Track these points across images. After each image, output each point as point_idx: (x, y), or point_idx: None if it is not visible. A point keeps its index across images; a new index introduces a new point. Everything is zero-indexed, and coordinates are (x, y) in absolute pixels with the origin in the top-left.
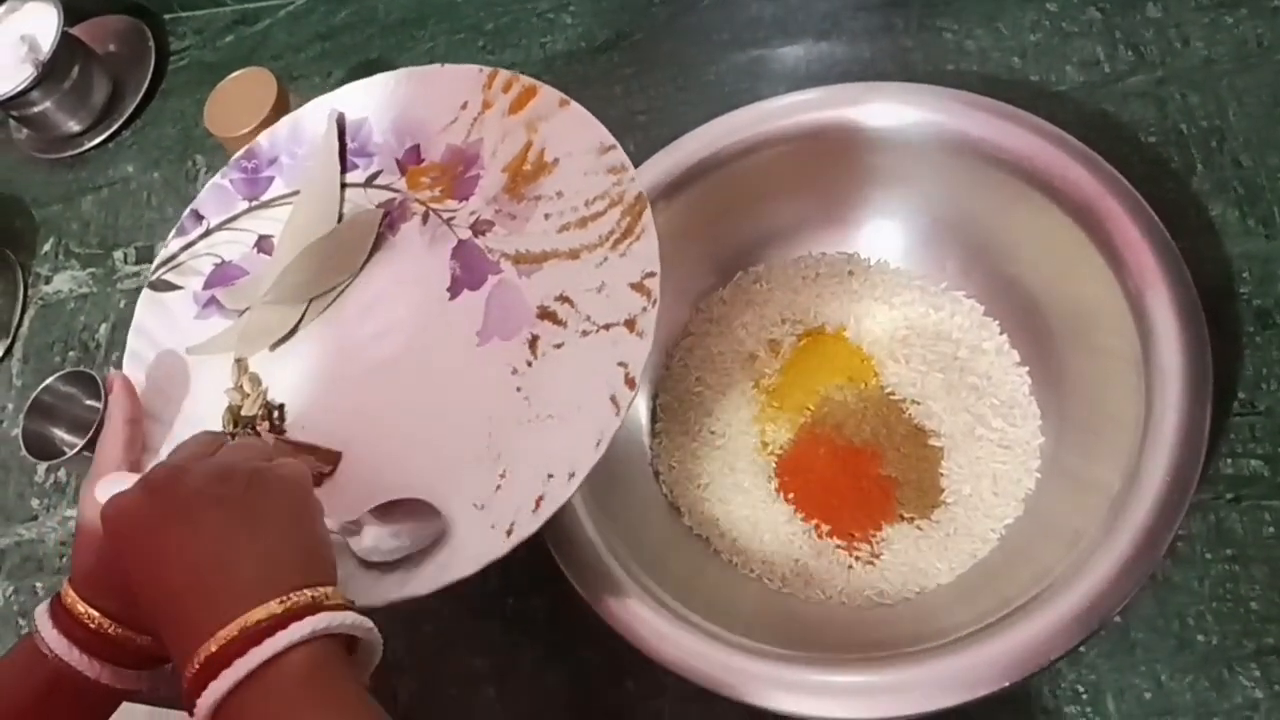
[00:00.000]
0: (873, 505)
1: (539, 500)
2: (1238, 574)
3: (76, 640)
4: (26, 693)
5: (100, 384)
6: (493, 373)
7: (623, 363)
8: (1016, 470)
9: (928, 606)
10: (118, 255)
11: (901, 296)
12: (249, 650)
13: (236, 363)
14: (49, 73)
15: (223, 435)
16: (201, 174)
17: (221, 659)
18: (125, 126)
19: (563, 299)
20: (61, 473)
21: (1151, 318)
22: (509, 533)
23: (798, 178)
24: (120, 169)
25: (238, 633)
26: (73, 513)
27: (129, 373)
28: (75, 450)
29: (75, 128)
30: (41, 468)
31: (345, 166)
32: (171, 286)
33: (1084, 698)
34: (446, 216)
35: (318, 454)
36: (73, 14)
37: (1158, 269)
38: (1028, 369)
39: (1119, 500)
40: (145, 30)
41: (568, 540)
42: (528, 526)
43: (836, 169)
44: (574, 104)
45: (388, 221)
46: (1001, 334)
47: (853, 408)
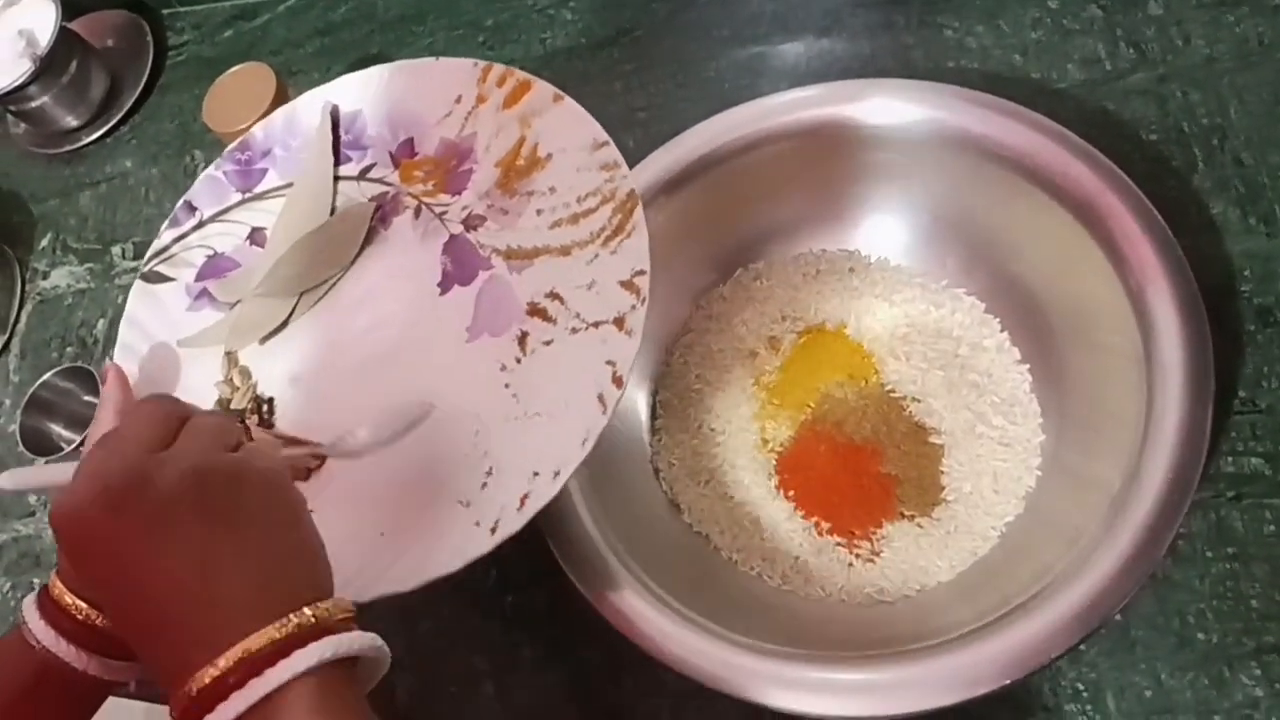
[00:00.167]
0: (873, 503)
1: (524, 498)
2: (1238, 572)
3: (64, 631)
4: (14, 685)
5: (98, 379)
6: (482, 369)
7: (611, 361)
8: (1017, 468)
9: (928, 604)
10: (115, 251)
11: (902, 294)
12: (248, 682)
13: (227, 355)
14: (47, 67)
15: (175, 404)
16: (199, 169)
17: (217, 691)
18: (123, 122)
19: (553, 296)
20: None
21: (1153, 315)
22: (493, 530)
23: (798, 174)
24: (118, 164)
25: (234, 663)
26: None
27: (121, 364)
28: (73, 446)
29: (73, 123)
30: (39, 464)
31: (339, 159)
32: (164, 278)
33: (1084, 696)
34: (439, 211)
35: (306, 448)
36: (71, 9)
37: (1159, 266)
38: (1028, 366)
39: (1120, 498)
40: (143, 25)
41: (567, 537)
42: (512, 524)
43: (837, 166)
44: (568, 99)
45: (380, 215)
46: (1002, 331)
47: (853, 405)
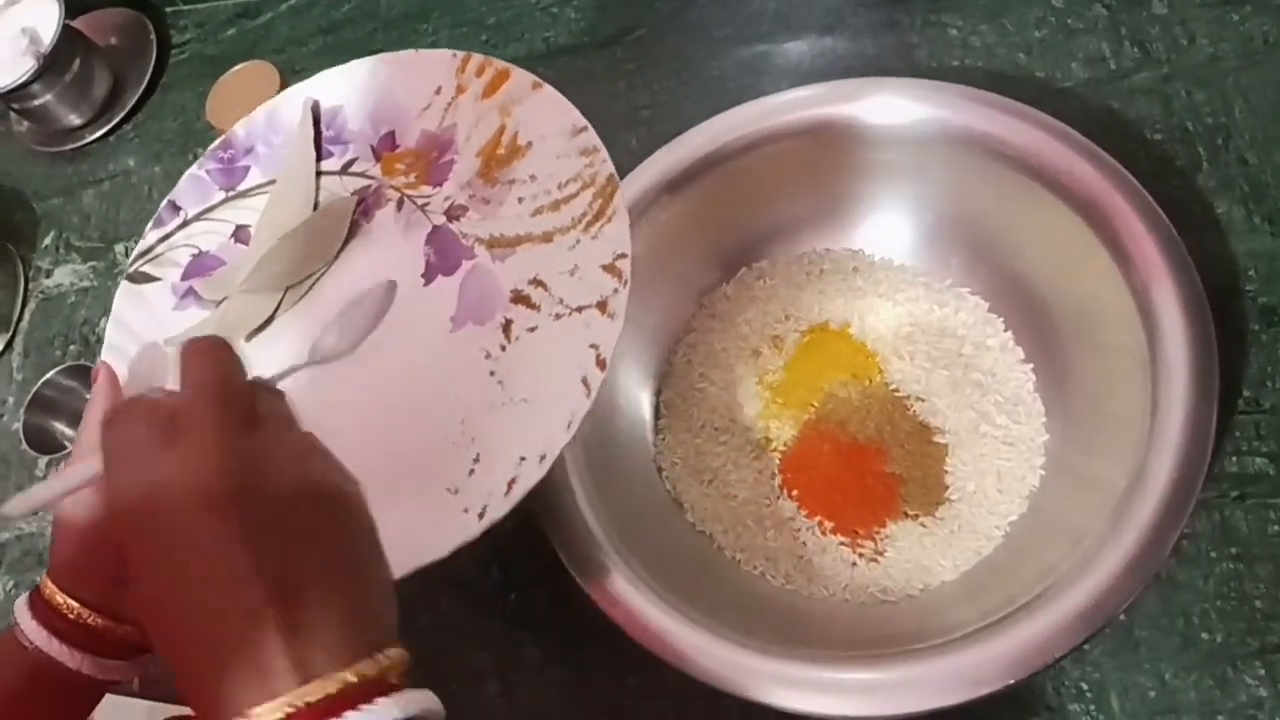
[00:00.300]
0: (877, 502)
1: (511, 483)
2: (1242, 572)
3: (56, 631)
4: (8, 686)
5: None
6: (467, 357)
7: (594, 344)
8: (1021, 467)
9: (931, 604)
10: (119, 249)
11: (906, 293)
12: None
13: None
14: (50, 65)
15: (237, 369)
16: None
17: None
18: (126, 120)
19: (536, 282)
20: (62, 467)
21: (1157, 315)
22: (481, 516)
23: (801, 173)
24: (121, 162)
25: (304, 705)
26: None
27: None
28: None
29: (76, 121)
30: (42, 462)
31: (321, 154)
32: (149, 278)
33: (1088, 696)
34: (421, 202)
35: None
36: (74, 7)
37: (1164, 266)
38: (1032, 366)
39: (1124, 498)
40: (146, 23)
41: (571, 536)
42: (500, 509)
43: (840, 165)
44: (546, 86)
45: (362, 209)
46: (1006, 331)
47: (857, 404)
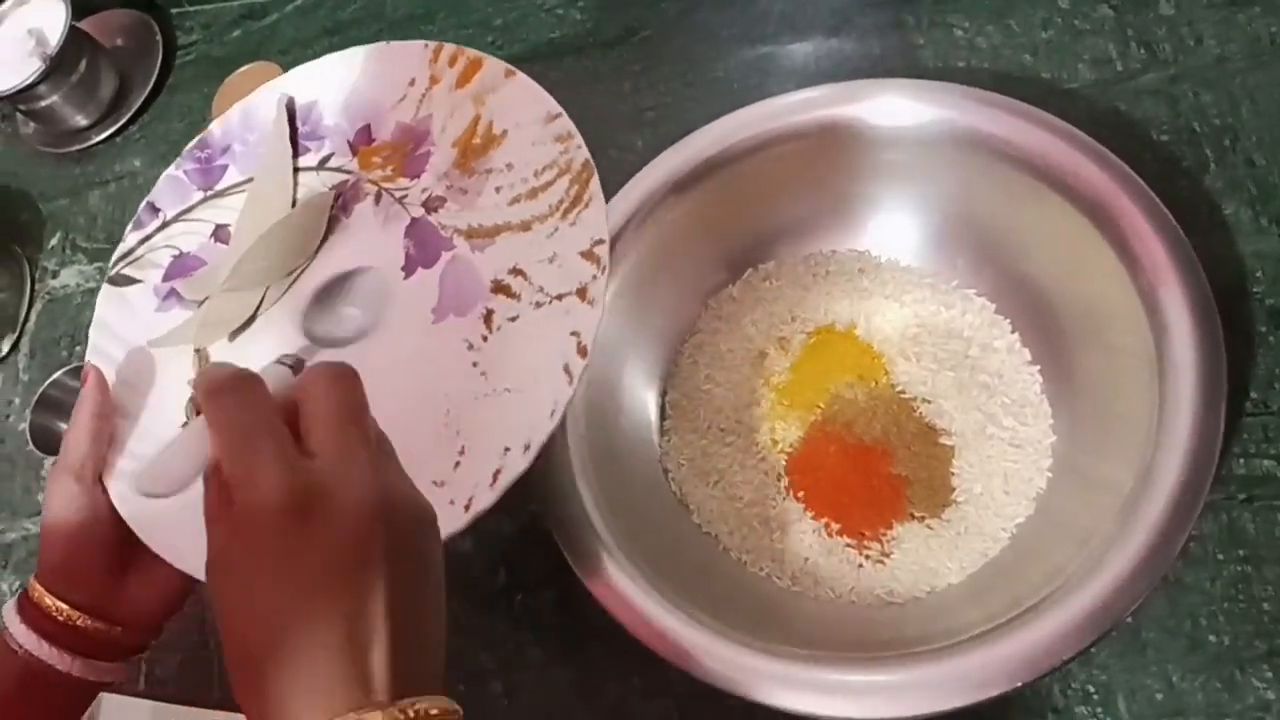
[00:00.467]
0: (883, 504)
1: (496, 474)
2: (1250, 575)
3: (46, 634)
4: None
5: None
6: (449, 350)
7: (575, 332)
8: (1028, 469)
9: (938, 606)
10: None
11: (912, 294)
12: None
13: (197, 353)
14: (56, 67)
15: (255, 382)
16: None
17: None
18: (132, 121)
19: (516, 271)
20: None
21: (1165, 316)
22: (467, 507)
23: (807, 175)
24: (127, 163)
25: None
26: None
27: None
28: None
29: (82, 122)
30: (48, 462)
31: (297, 151)
32: (131, 281)
33: (1095, 698)
34: (399, 195)
35: None
36: (80, 8)
37: (1171, 267)
38: (1039, 367)
39: (1132, 500)
40: (152, 24)
41: (576, 537)
42: (485, 500)
43: (846, 166)
44: (520, 74)
45: (340, 203)
46: (1013, 332)
47: (863, 406)
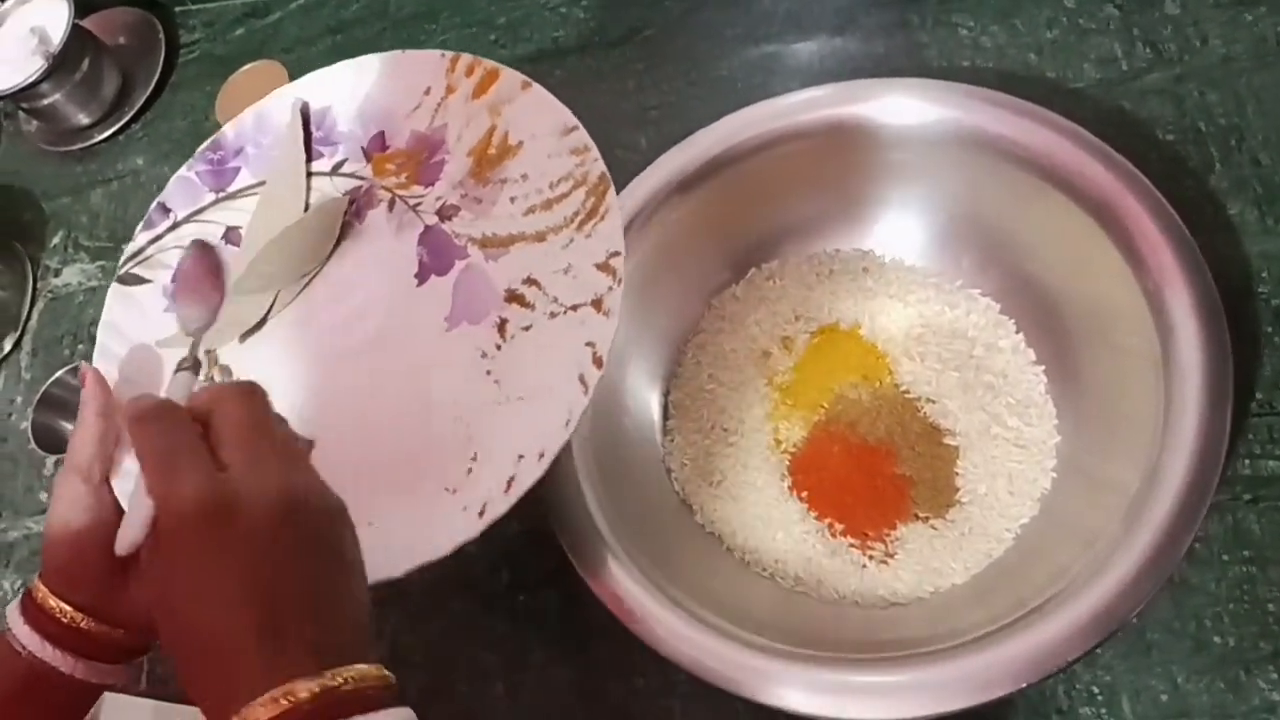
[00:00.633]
0: (887, 504)
1: (510, 481)
2: (1255, 576)
3: (49, 636)
4: (1, 690)
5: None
6: (462, 357)
7: (590, 342)
8: (1032, 470)
9: (942, 607)
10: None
11: (916, 294)
12: None
13: (206, 354)
14: (59, 65)
15: (175, 409)
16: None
17: None
18: (135, 119)
19: (530, 281)
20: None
21: (1171, 316)
22: (481, 514)
23: (812, 174)
24: (130, 162)
25: (285, 709)
26: None
27: (99, 367)
28: None
29: (85, 120)
30: (50, 461)
31: (311, 155)
32: (140, 280)
33: (1099, 699)
34: (413, 203)
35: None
36: (83, 6)
37: (1177, 268)
38: (1044, 368)
39: (1137, 501)
40: (155, 23)
41: (579, 537)
42: (499, 507)
43: (851, 165)
44: (536, 86)
45: (354, 209)
46: (1017, 332)
47: (867, 406)
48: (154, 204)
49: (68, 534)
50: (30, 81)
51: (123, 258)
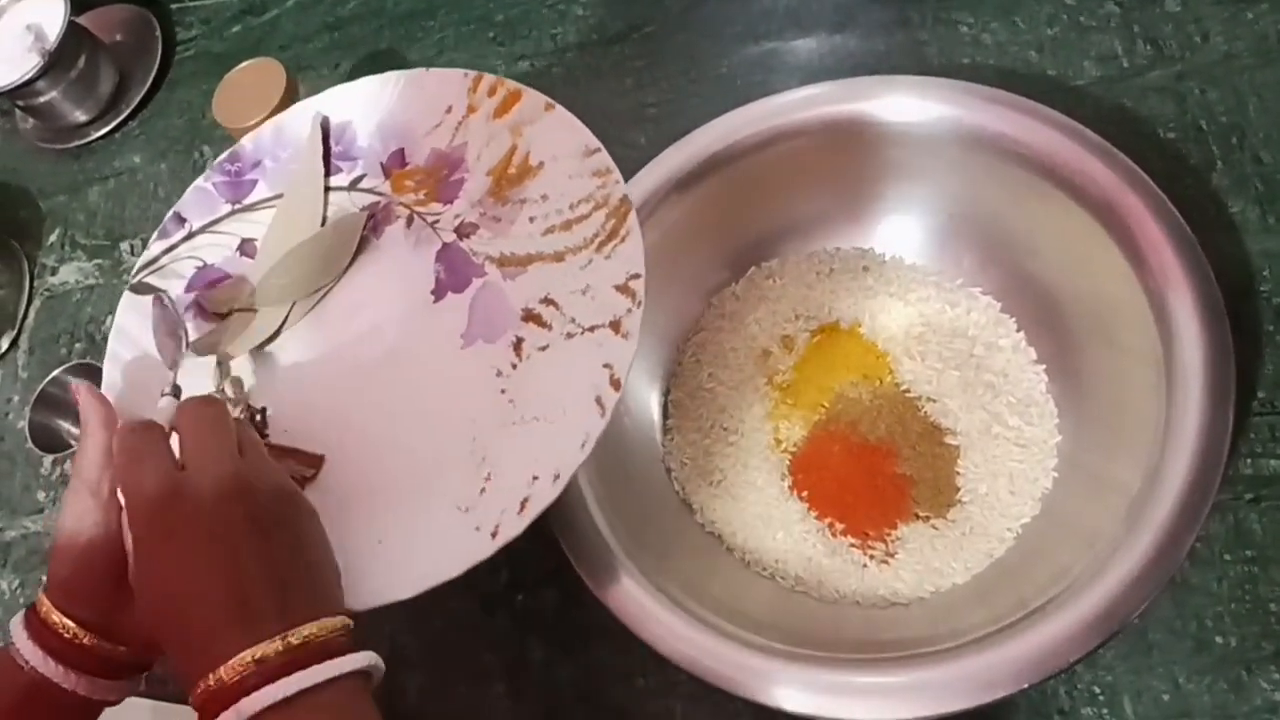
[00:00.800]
0: (887, 504)
1: (524, 503)
2: (1257, 575)
3: (52, 651)
4: (3, 703)
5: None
6: (477, 375)
7: (608, 364)
8: (1033, 469)
9: (943, 607)
10: (124, 247)
11: (917, 293)
12: (263, 687)
13: (219, 366)
14: (55, 62)
15: (152, 427)
16: (208, 165)
17: (240, 688)
18: (132, 117)
19: (547, 301)
20: (68, 465)
21: (1172, 315)
22: (494, 535)
23: (812, 172)
24: (127, 159)
25: (252, 664)
26: None
27: (109, 375)
28: None
29: (81, 118)
30: (48, 460)
31: (329, 170)
32: (153, 289)
33: (1100, 699)
34: (431, 220)
35: (300, 458)
36: (79, 3)
37: (1178, 266)
38: (1045, 367)
39: (1139, 500)
40: (152, 20)
41: (579, 536)
42: (513, 528)
43: (851, 163)
44: (559, 108)
45: (372, 225)
46: (1018, 331)
47: (867, 405)
48: (169, 213)
49: (74, 548)
50: (26, 79)
51: (136, 266)
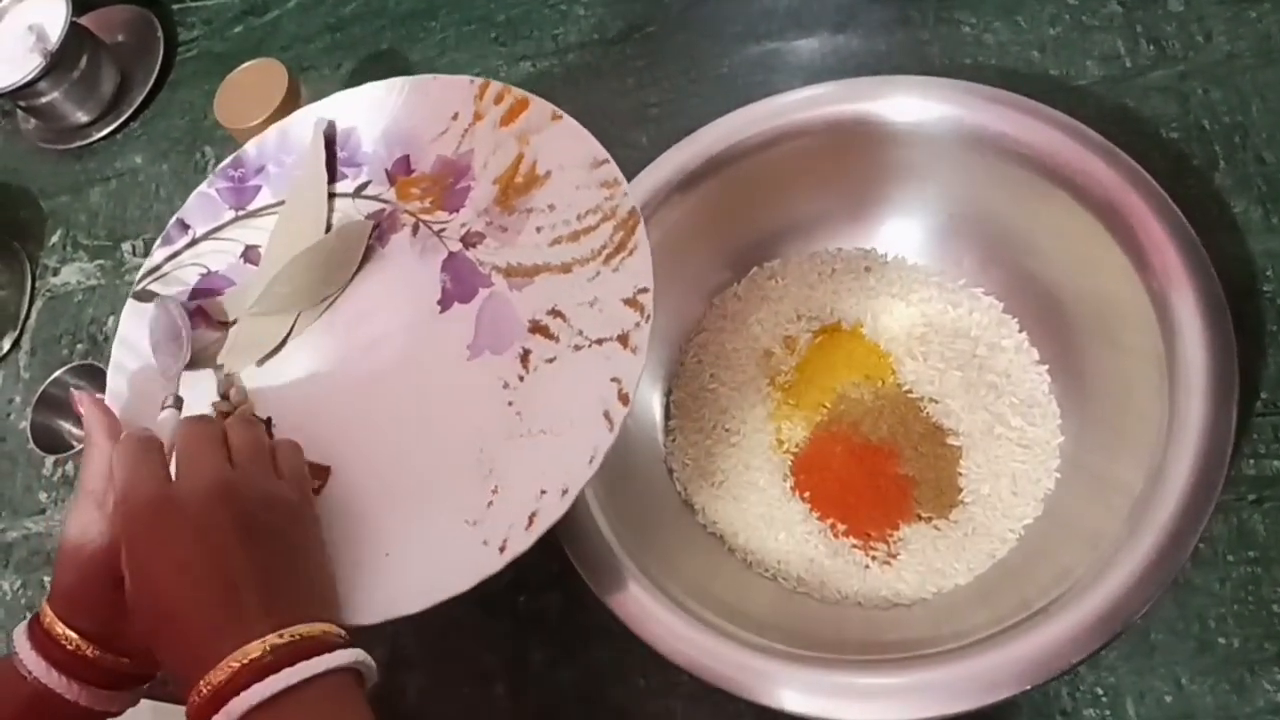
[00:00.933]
0: (890, 504)
1: (532, 517)
2: (1259, 576)
3: (55, 662)
4: (6, 713)
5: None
6: (484, 387)
7: (616, 378)
8: (1036, 470)
9: (945, 608)
10: (126, 247)
11: (919, 293)
12: (253, 684)
13: (225, 377)
14: (57, 63)
15: (150, 439)
16: (210, 166)
17: (232, 685)
18: (134, 117)
19: (555, 313)
20: (69, 466)
21: (1175, 315)
22: (502, 549)
23: (814, 172)
24: (128, 160)
25: (247, 661)
26: None
27: (113, 384)
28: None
29: (83, 118)
30: (49, 461)
31: (334, 176)
32: (157, 297)
33: (1103, 700)
34: (437, 228)
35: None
36: (81, 4)
37: (1181, 266)
38: (1047, 367)
39: (1141, 501)
40: (154, 20)
41: (580, 537)
42: (521, 543)
43: (853, 164)
44: (566, 117)
45: (377, 233)
46: (1020, 331)
47: (869, 405)
48: (173, 220)
49: (78, 558)
50: (28, 79)
51: (140, 273)
